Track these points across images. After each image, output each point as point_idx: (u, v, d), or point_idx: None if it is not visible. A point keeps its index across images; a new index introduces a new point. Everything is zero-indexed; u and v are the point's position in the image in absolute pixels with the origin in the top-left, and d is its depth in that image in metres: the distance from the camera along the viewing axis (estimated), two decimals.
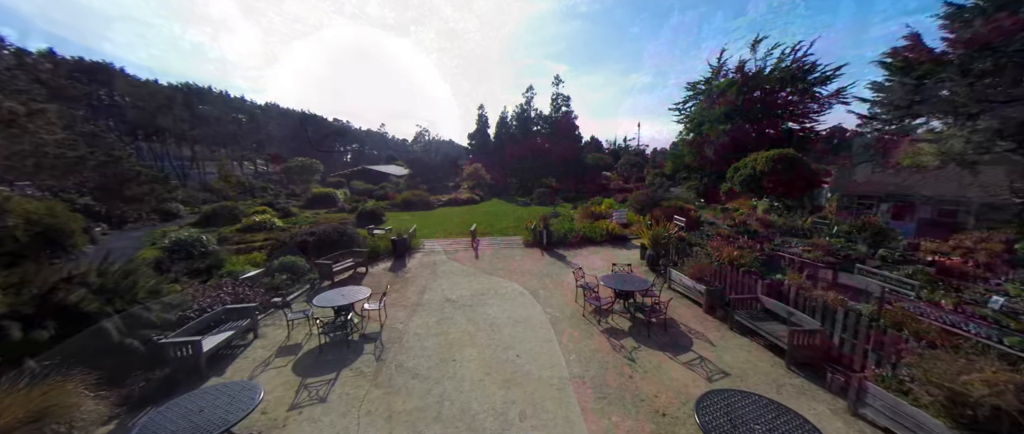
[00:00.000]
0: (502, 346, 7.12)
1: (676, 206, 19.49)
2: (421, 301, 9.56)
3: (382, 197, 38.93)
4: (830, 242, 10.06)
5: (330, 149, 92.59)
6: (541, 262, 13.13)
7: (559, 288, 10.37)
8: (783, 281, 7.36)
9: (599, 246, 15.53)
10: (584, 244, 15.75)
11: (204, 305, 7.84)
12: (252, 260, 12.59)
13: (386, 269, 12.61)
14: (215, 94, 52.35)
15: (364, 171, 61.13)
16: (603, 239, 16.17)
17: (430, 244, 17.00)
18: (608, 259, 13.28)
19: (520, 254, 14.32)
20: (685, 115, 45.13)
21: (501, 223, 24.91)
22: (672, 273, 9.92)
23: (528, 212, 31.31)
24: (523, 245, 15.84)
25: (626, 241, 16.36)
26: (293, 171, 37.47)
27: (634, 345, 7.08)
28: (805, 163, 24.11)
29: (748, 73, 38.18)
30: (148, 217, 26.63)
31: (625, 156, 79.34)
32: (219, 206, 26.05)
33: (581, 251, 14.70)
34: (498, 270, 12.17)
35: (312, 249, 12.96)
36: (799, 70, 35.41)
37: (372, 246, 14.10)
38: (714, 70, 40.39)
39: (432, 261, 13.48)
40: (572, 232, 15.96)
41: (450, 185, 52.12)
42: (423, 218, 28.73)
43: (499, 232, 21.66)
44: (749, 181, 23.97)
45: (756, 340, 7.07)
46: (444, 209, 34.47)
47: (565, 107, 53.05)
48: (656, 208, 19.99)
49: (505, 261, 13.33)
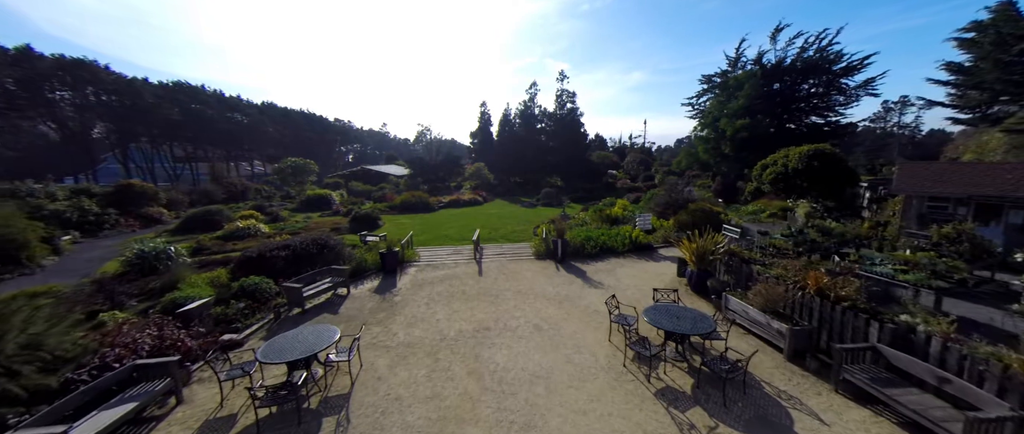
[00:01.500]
0: (518, 424, 4.99)
1: (705, 209, 17.29)
2: (409, 340, 7.44)
3: (380, 199, 36.90)
4: (930, 259, 7.86)
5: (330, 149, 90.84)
6: (557, 280, 10.98)
7: (585, 319, 8.22)
8: (915, 327, 5.17)
9: (622, 257, 13.36)
10: (604, 255, 13.58)
11: (111, 357, 5.77)
12: (214, 279, 10.53)
13: (371, 290, 10.51)
14: (209, 93, 50.49)
15: (363, 171, 59.15)
16: (626, 249, 14.01)
17: (428, 254, 14.91)
18: (638, 276, 11.12)
19: (531, 268, 12.18)
20: (699, 110, 42.84)
21: (506, 227, 22.80)
22: (729, 300, 7.75)
23: (534, 214, 29.17)
24: (533, 256, 13.70)
25: (652, 251, 14.18)
26: (286, 172, 35.47)
27: (708, 423, 4.92)
28: (844, 159, 21.83)
29: (767, 64, 35.84)
30: (127, 224, 24.73)
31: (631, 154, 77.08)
32: (203, 211, 24.10)
33: (603, 264, 12.54)
34: (505, 292, 10.04)
35: (286, 265, 10.89)
36: (824, 60, 33.04)
37: (358, 261, 12.02)
38: (731, 61, 38.05)
39: (427, 278, 11.37)
40: (590, 241, 13.81)
41: (452, 185, 50.05)
42: (422, 222, 26.66)
43: (504, 237, 19.56)
44: (780, 180, 21.72)
45: (885, 414, 4.91)
46: (445, 211, 32.39)
47: (570, 103, 50.74)
48: (680, 211, 17.79)
49: (514, 278, 11.20)
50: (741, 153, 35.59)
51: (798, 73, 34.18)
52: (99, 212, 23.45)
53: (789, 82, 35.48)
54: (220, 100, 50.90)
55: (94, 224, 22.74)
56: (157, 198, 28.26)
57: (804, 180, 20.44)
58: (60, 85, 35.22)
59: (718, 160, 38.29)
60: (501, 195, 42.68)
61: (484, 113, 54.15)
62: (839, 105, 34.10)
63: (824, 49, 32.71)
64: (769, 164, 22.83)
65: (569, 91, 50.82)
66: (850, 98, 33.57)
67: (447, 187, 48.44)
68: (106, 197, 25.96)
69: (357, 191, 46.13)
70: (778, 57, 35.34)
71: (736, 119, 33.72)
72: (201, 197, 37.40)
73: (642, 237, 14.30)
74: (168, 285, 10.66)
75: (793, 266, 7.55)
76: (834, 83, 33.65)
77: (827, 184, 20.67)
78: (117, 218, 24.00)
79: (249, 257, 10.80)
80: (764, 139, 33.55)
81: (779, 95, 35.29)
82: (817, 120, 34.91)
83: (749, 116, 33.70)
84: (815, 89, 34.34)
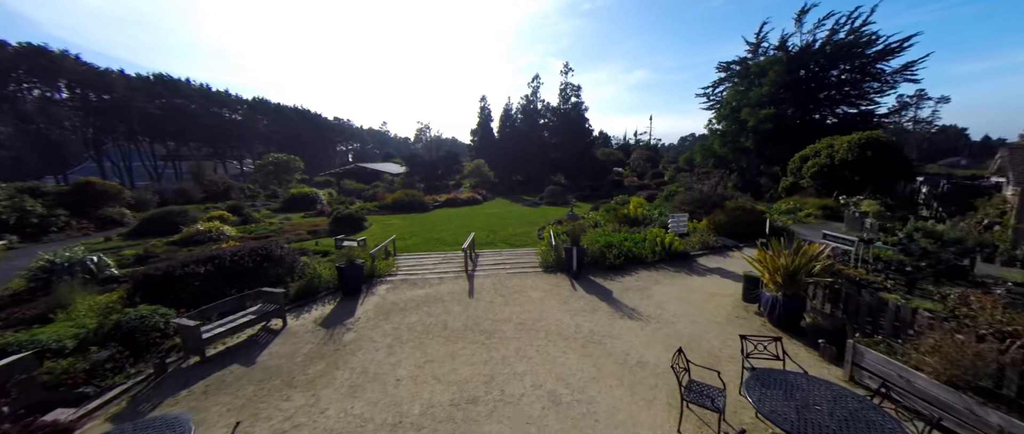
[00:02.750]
0: None
1: (746, 207, 14.33)
2: (342, 430, 4.52)
3: (371, 198, 34.07)
4: None
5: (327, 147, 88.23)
6: (574, 304, 8.06)
7: (627, 380, 5.29)
8: None
9: (654, 269, 10.41)
10: (631, 266, 10.63)
11: None
12: (103, 307, 7.63)
13: (318, 321, 7.60)
14: (193, 87, 47.71)
15: (357, 169, 56.38)
16: (656, 257, 11.06)
17: (410, 263, 12.02)
18: (684, 299, 8.17)
19: (538, 285, 9.25)
20: (715, 100, 39.73)
21: (507, 229, 19.92)
22: (864, 355, 4.80)
23: (538, 214, 26.25)
24: (540, 267, 10.77)
25: (689, 260, 11.22)
26: (268, 170, 32.65)
27: None
28: (899, 148, 18.82)
29: (791, 49, 32.73)
30: (80, 226, 21.96)
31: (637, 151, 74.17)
32: (163, 212, 21.31)
33: (632, 280, 9.59)
34: (504, 324, 7.12)
35: (208, 285, 8.02)
36: (857, 43, 29.90)
37: (310, 277, 9.12)
38: (752, 47, 34.94)
39: (400, 301, 8.47)
40: (612, 249, 10.87)
41: (451, 184, 47.23)
42: (414, 223, 23.82)
43: (505, 241, 16.68)
44: (825, 173, 18.70)
45: None
46: (441, 211, 29.53)
47: (575, 97, 47.72)
48: (714, 210, 14.82)
49: (516, 300, 8.28)
50: (764, 146, 32.52)
51: (828, 58, 31.05)
52: (45, 213, 20.66)
53: (817, 68, 32.37)
54: (205, 95, 48.13)
55: (38, 227, 19.97)
56: (120, 198, 25.45)
57: (855, 173, 17.43)
58: (26, 76, 32.51)
59: (737, 154, 35.24)
60: (502, 194, 39.79)
61: (484, 108, 51.18)
62: (873, 93, 30.96)
63: (857, 30, 29.58)
64: (810, 156, 19.82)
65: (573, 84, 47.78)
66: (886, 85, 30.42)
67: (445, 185, 45.62)
68: (60, 197, 23.21)
69: (349, 190, 43.32)
70: (804, 41, 32.24)
71: (759, 109, 30.66)
72: (177, 196, 34.65)
73: (677, 243, 11.34)
74: (46, 312, 7.82)
75: (981, 302, 4.58)
76: (867, 68, 30.51)
77: (881, 178, 17.68)
78: (68, 220, 21.25)
79: (152, 276, 7.88)
80: (790, 131, 30.48)
81: (806, 82, 32.18)
82: (849, 110, 31.78)
83: (773, 106, 30.64)
84: (847, 75, 31.19)
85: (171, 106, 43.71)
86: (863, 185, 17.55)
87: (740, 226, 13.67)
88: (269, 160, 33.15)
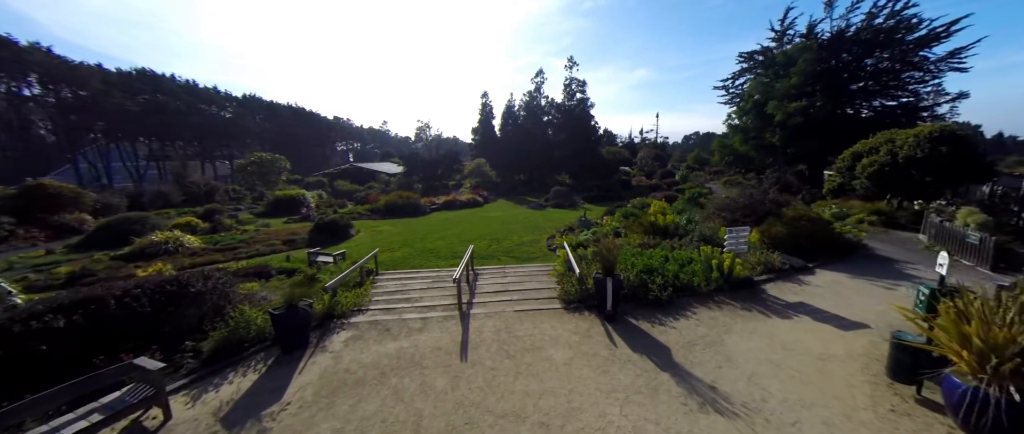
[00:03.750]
0: None
1: (810, 216, 11.55)
2: None
3: (362, 200, 31.42)
4: None
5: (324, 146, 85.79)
6: (621, 378, 5.33)
7: None
8: None
9: (712, 304, 7.67)
10: (682, 300, 7.89)
11: None
12: None
13: (225, 406, 4.90)
14: (179, 83, 45.17)
15: (353, 169, 53.82)
16: (713, 287, 8.32)
17: (390, 287, 9.33)
18: (781, 360, 5.42)
19: (561, 337, 6.53)
20: (735, 93, 36.84)
21: (511, 237, 17.26)
22: None
23: (544, 218, 23.59)
24: (559, 301, 8.04)
25: (755, 290, 8.47)
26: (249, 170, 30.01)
27: None
28: (975, 144, 15.99)
29: (820, 36, 29.83)
30: (27, 236, 19.37)
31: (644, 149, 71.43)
32: (119, 219, 18.71)
33: (690, 324, 6.86)
34: (515, 424, 4.41)
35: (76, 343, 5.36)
36: (897, 28, 26.97)
37: (236, 326, 6.40)
38: (777, 34, 32.04)
39: (359, 365, 5.77)
40: (654, 275, 8.12)
41: (450, 184, 44.57)
42: (407, 229, 21.22)
43: (509, 253, 14.08)
44: (885, 173, 15.88)
45: None
46: (438, 215, 26.90)
47: (580, 92, 44.92)
48: (767, 220, 12.05)
49: (530, 368, 5.56)
50: (792, 143, 29.67)
51: (864, 45, 28.13)
52: None
53: (850, 57, 29.47)
54: (190, 91, 45.55)
55: None
56: (80, 202, 22.85)
57: (925, 173, 14.60)
58: None
59: (760, 152, 32.38)
60: (504, 194, 37.10)
61: (486, 105, 48.45)
62: (914, 83, 28.02)
63: (898, 13, 26.64)
64: (864, 152, 16.98)
65: (579, 79, 44.96)
66: (929, 74, 27.46)
67: (445, 186, 42.97)
68: (6, 202, 20.64)
69: (342, 191, 40.70)
70: (836, 27, 29.31)
71: (789, 101, 27.80)
72: (155, 199, 32.14)
73: (739, 266, 8.57)
74: None
75: None
76: (908, 57, 27.57)
77: (958, 179, 14.87)
78: (13, 228, 18.70)
79: None
80: (824, 125, 27.61)
81: (838, 73, 29.27)
82: (887, 102, 28.87)
83: (805, 98, 27.77)
84: (886, 64, 28.26)
85: (154, 103, 41.19)
86: (936, 187, 14.75)
87: (804, 239, 10.90)
88: (251, 159, 30.47)
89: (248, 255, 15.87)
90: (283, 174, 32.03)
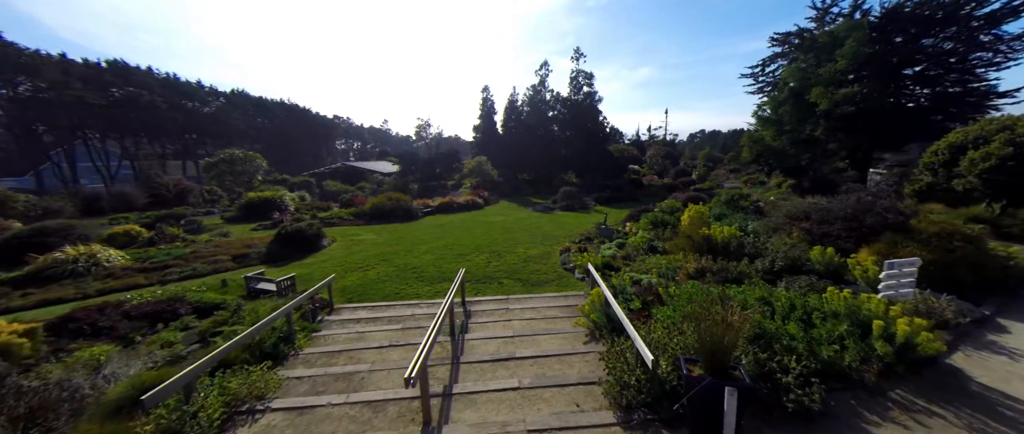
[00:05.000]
0: None
1: (959, 232, 7.87)
2: None
3: (348, 203, 27.91)
4: None
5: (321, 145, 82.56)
6: None
7: None
8: None
9: (893, 407, 4.07)
10: (837, 401, 4.26)
11: None
12: None
13: None
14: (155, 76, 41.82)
15: (344, 168, 50.36)
16: (879, 369, 4.68)
17: (341, 341, 5.74)
18: None
19: None
20: (766, 81, 33.00)
21: (515, 250, 13.73)
22: None
23: (552, 224, 20.06)
24: (609, 403, 4.43)
25: (960, 379, 4.82)
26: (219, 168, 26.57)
27: None
28: None
29: (868, 13, 26.04)
30: None
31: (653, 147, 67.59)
32: (38, 228, 15.31)
33: None
34: None
35: None
36: (962, 2, 23.14)
37: None
38: (818, 13, 28.19)
39: None
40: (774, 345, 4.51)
41: (450, 184, 41.08)
42: (392, 238, 17.75)
43: (513, 274, 10.56)
44: (1008, 170, 12.13)
45: None
46: (431, 220, 23.41)
47: (588, 86, 41.28)
48: (886, 234, 8.40)
49: None
50: (838, 135, 25.91)
51: (922, 23, 24.30)
52: None
53: (902, 39, 25.65)
54: (169, 85, 42.23)
55: None
56: (7, 206, 19.44)
57: None
58: None
59: (797, 147, 28.56)
60: (507, 195, 33.55)
61: (487, 100, 44.88)
62: (982, 66, 24.15)
63: None
64: (968, 144, 13.23)
65: (586, 72, 41.29)
66: (1001, 55, 23.59)
67: (443, 186, 39.47)
68: None
69: (330, 192, 37.23)
70: (889, 3, 25.46)
71: (838, 87, 24.01)
72: (117, 202, 28.80)
73: (924, 341, 4.88)
74: None
75: None
76: (975, 36, 23.72)
77: None
78: None
79: None
80: (879, 115, 23.84)
81: (889, 55, 25.43)
82: (950, 88, 25.01)
83: (856, 84, 23.98)
84: (948, 45, 24.42)
85: (127, 98, 37.89)
86: None
87: (964, 268, 7.21)
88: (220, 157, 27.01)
89: (180, 276, 12.41)
90: (259, 173, 28.53)
